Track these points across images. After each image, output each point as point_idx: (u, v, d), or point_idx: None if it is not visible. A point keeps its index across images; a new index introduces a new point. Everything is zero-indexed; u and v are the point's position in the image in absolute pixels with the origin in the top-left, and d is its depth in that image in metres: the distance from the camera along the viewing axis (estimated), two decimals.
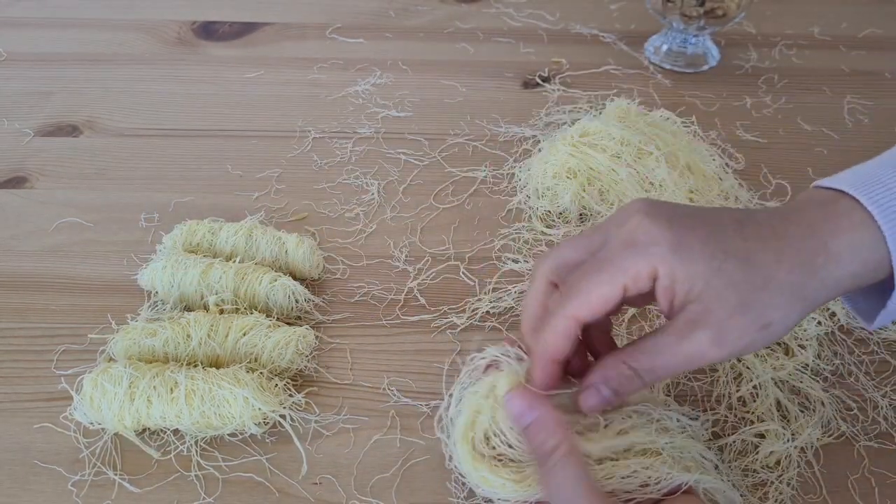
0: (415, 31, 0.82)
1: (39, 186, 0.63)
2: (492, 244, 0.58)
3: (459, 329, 0.52)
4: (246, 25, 0.83)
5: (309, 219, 0.60)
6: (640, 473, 0.38)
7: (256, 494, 0.44)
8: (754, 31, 0.82)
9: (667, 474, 0.37)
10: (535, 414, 0.37)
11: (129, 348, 0.48)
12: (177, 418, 0.44)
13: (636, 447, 0.39)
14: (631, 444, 0.39)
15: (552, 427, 0.37)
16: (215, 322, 0.48)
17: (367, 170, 0.65)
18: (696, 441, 0.40)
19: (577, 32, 0.82)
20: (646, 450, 0.39)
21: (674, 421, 0.40)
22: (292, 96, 0.73)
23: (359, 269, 0.57)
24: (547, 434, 0.37)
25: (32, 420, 0.47)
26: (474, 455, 0.39)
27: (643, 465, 0.38)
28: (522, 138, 0.68)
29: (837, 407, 0.48)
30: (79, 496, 0.43)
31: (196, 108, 0.71)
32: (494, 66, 0.77)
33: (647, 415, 0.40)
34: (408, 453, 0.46)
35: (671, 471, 0.38)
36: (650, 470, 0.38)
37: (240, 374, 0.45)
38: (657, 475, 0.37)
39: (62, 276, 0.56)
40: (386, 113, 0.71)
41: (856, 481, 0.45)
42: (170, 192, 0.62)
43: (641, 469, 0.38)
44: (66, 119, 0.70)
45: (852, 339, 0.52)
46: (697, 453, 0.40)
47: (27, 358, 0.51)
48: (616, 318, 0.53)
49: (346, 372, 0.50)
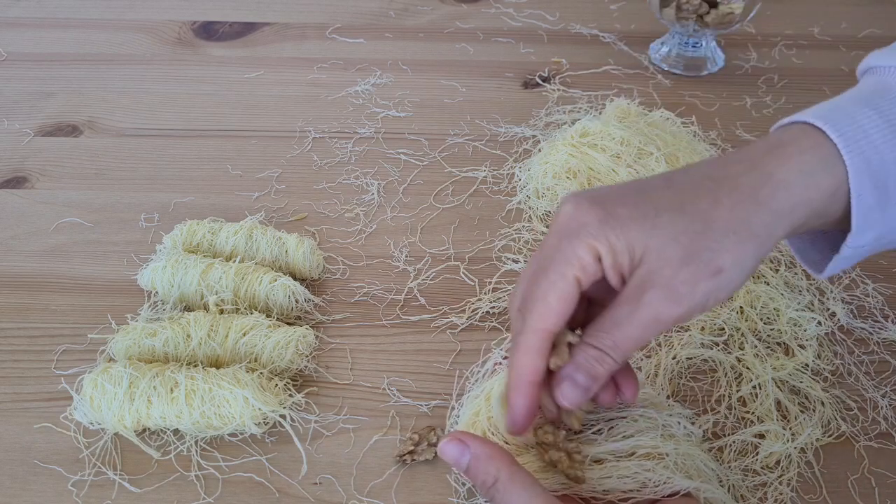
0: (415, 31, 0.82)
1: (39, 186, 0.63)
2: (492, 244, 0.58)
3: (459, 329, 0.52)
4: (246, 25, 0.83)
5: (309, 219, 0.60)
6: (640, 475, 0.38)
7: (256, 494, 0.44)
8: (754, 31, 0.82)
9: (667, 478, 0.37)
10: (468, 455, 0.36)
11: (129, 348, 0.48)
12: (177, 418, 0.44)
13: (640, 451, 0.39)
14: (635, 448, 0.39)
15: (487, 461, 0.36)
16: (215, 322, 0.48)
17: (367, 170, 0.65)
18: (700, 450, 0.40)
19: (577, 32, 0.82)
20: (650, 454, 0.39)
21: (680, 428, 0.40)
22: (292, 96, 0.73)
23: (359, 269, 0.57)
24: (485, 469, 0.36)
25: (32, 420, 0.47)
26: None
27: (644, 468, 0.38)
28: (522, 138, 0.68)
29: (837, 407, 0.48)
30: (79, 496, 0.43)
31: (196, 108, 0.71)
32: (494, 66, 0.77)
33: (652, 420, 0.40)
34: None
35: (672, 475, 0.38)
36: (651, 472, 0.38)
37: (240, 374, 0.45)
38: (657, 478, 0.37)
39: (62, 276, 0.56)
40: (386, 113, 0.71)
41: (856, 481, 0.45)
42: (170, 192, 0.62)
43: (642, 471, 0.38)
44: (66, 119, 0.70)
45: (852, 339, 0.52)
46: (701, 462, 0.40)
47: (27, 358, 0.51)
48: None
49: (346, 372, 0.50)
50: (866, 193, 0.35)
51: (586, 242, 0.35)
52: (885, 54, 0.39)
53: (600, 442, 0.39)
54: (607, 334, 0.35)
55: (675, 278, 0.34)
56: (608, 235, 0.34)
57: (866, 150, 0.35)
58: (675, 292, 0.34)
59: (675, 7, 0.72)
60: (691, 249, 0.34)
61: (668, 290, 0.34)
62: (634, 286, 0.34)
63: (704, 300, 0.34)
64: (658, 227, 0.34)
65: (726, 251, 0.34)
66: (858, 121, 0.35)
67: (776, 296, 0.52)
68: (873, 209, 0.35)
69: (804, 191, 0.35)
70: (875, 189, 0.35)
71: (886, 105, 0.36)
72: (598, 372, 0.35)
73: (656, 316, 0.34)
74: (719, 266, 0.34)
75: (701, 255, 0.34)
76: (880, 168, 0.35)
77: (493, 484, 0.35)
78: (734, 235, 0.34)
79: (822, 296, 0.54)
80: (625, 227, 0.34)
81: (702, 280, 0.34)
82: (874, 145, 0.35)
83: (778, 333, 0.51)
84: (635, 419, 0.40)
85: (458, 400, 0.43)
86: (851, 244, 0.36)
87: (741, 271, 0.34)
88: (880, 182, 0.35)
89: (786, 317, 0.51)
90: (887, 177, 0.35)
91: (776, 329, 0.51)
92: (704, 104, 0.72)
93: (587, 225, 0.35)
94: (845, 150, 0.35)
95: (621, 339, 0.35)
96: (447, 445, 0.37)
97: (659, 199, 0.35)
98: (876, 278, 0.56)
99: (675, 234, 0.34)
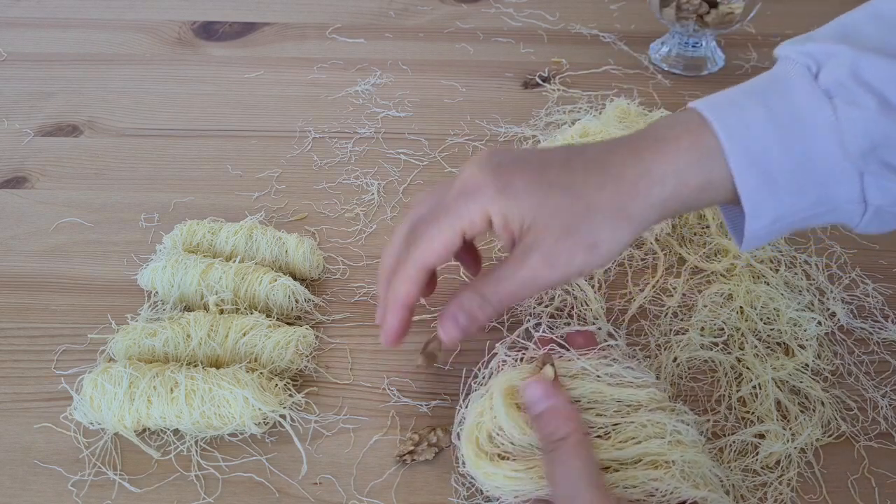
0: (415, 31, 0.82)
1: (39, 186, 0.63)
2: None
3: None
4: (246, 25, 0.83)
5: (309, 219, 0.60)
6: (648, 485, 0.37)
7: (256, 494, 0.44)
8: (754, 31, 0.82)
9: (675, 488, 0.37)
10: (550, 402, 0.39)
11: (129, 348, 0.48)
12: (177, 418, 0.44)
13: (647, 458, 0.39)
14: (643, 454, 0.39)
15: (565, 416, 0.39)
16: (215, 322, 0.48)
17: (367, 170, 0.65)
18: (707, 457, 0.40)
19: (577, 32, 0.82)
20: (656, 462, 0.39)
21: (689, 434, 0.40)
22: (292, 96, 0.73)
23: (359, 269, 0.57)
24: (559, 423, 0.38)
25: (32, 420, 0.47)
26: (478, 453, 0.40)
27: (651, 478, 0.37)
28: (522, 138, 0.68)
29: (837, 407, 0.48)
30: (79, 496, 0.43)
31: (196, 108, 0.71)
32: (494, 66, 0.77)
33: (660, 426, 0.40)
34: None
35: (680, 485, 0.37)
36: (658, 482, 0.37)
37: (240, 374, 0.45)
38: (665, 487, 0.37)
39: (62, 276, 0.56)
40: (386, 113, 0.71)
41: (856, 481, 0.45)
42: (170, 192, 0.62)
43: (650, 481, 0.37)
44: (66, 119, 0.70)
45: (852, 339, 0.52)
46: (708, 469, 0.39)
47: (27, 358, 0.51)
48: (618, 319, 0.53)
49: (346, 372, 0.50)
50: (751, 183, 0.38)
51: (481, 205, 0.40)
52: (791, 44, 0.41)
53: (606, 448, 0.39)
54: (491, 285, 0.41)
55: (556, 247, 0.39)
56: (503, 203, 0.39)
57: (748, 143, 0.38)
58: (554, 259, 0.39)
59: (675, 7, 0.72)
60: (572, 224, 0.39)
61: (549, 255, 0.39)
62: (521, 249, 0.40)
63: (579, 268, 0.39)
64: (548, 202, 0.39)
65: (603, 230, 0.39)
66: (744, 115, 0.38)
67: (776, 296, 0.52)
68: (763, 197, 0.38)
69: (676, 187, 0.39)
70: (759, 178, 0.38)
71: (774, 99, 0.38)
72: (477, 315, 0.41)
73: (534, 276, 0.39)
74: (595, 241, 0.39)
75: (580, 231, 0.39)
76: (763, 158, 0.38)
77: (561, 438, 0.38)
78: (612, 219, 0.39)
79: (822, 296, 0.54)
80: (519, 198, 0.39)
81: (578, 251, 0.39)
82: (756, 137, 0.38)
83: (778, 333, 0.51)
84: (644, 424, 0.40)
85: (464, 400, 0.43)
86: (750, 228, 0.40)
87: (615, 245, 0.39)
88: (764, 172, 0.38)
89: (786, 317, 0.51)
90: (771, 166, 0.38)
91: (776, 329, 0.51)
92: None
93: (484, 190, 0.40)
94: (727, 143, 0.38)
95: (502, 291, 0.40)
96: (534, 385, 0.40)
97: (555, 177, 0.40)
98: (876, 278, 0.56)
99: (561, 209, 0.39)
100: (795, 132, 0.38)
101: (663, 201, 0.39)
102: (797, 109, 0.38)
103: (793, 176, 0.38)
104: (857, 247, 0.58)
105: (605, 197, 0.39)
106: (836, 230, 0.59)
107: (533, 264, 0.39)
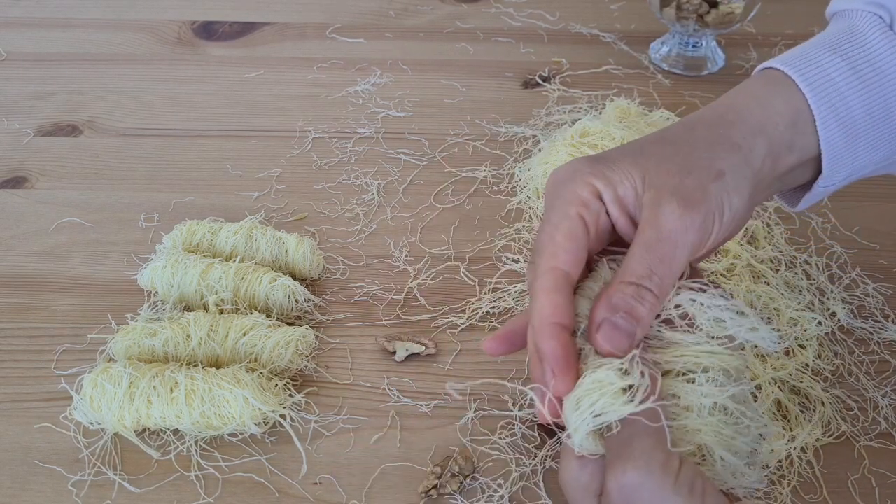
0: (415, 31, 0.82)
1: (39, 186, 0.63)
2: (492, 244, 0.58)
3: (459, 329, 0.52)
4: (246, 25, 0.83)
5: (309, 219, 0.60)
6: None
7: (256, 494, 0.44)
8: (754, 30, 0.82)
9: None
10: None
11: (128, 348, 0.48)
12: (177, 418, 0.44)
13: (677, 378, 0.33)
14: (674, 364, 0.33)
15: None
16: (215, 322, 0.48)
17: (367, 170, 0.65)
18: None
19: (577, 32, 0.82)
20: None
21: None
22: (292, 96, 0.73)
23: (359, 269, 0.57)
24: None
25: (32, 420, 0.47)
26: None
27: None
28: (522, 138, 0.68)
29: (837, 407, 0.48)
30: (79, 496, 0.43)
31: (196, 108, 0.71)
32: (494, 66, 0.77)
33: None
34: (408, 453, 0.46)
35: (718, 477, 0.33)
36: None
37: (240, 374, 0.45)
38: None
39: (62, 276, 0.56)
40: (386, 113, 0.71)
41: (856, 481, 0.45)
42: (170, 192, 0.62)
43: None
44: (66, 119, 0.70)
45: (852, 339, 0.52)
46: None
47: (27, 358, 0.50)
48: None
49: (346, 372, 0.50)
50: (837, 141, 0.37)
51: (583, 180, 0.35)
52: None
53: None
54: (638, 265, 0.33)
55: (683, 185, 0.34)
56: (603, 171, 0.35)
57: (832, 96, 0.37)
58: (688, 198, 0.33)
59: (676, 7, 0.72)
60: (687, 162, 0.35)
61: (680, 196, 0.33)
62: (648, 208, 0.34)
63: (719, 202, 0.34)
64: (652, 154, 0.35)
65: (720, 158, 0.35)
66: (824, 67, 0.37)
67: (776, 296, 0.52)
68: (843, 154, 0.37)
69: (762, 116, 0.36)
70: (843, 135, 0.37)
71: (852, 49, 0.37)
72: (638, 312, 0.32)
73: (674, 226, 0.33)
74: (720, 169, 0.34)
75: (699, 164, 0.35)
76: (845, 112, 0.37)
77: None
78: (720, 146, 0.35)
79: (822, 296, 0.54)
80: (615, 162, 0.35)
81: (707, 183, 0.34)
82: (838, 90, 0.37)
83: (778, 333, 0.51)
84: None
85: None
86: (822, 184, 0.38)
87: (740, 177, 0.35)
88: (846, 125, 0.37)
89: (786, 317, 0.51)
90: (851, 119, 0.37)
91: (776, 329, 0.51)
92: (705, 104, 0.71)
93: (580, 169, 0.35)
94: (811, 96, 0.36)
95: (656, 265, 0.32)
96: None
97: (644, 142, 0.37)
98: (876, 278, 0.56)
99: (666, 155, 0.35)
100: (874, 84, 0.36)
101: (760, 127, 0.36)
102: (876, 61, 0.37)
103: (872, 130, 0.37)
104: (857, 247, 0.58)
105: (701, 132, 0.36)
106: (836, 230, 0.59)
107: (669, 214, 0.33)
